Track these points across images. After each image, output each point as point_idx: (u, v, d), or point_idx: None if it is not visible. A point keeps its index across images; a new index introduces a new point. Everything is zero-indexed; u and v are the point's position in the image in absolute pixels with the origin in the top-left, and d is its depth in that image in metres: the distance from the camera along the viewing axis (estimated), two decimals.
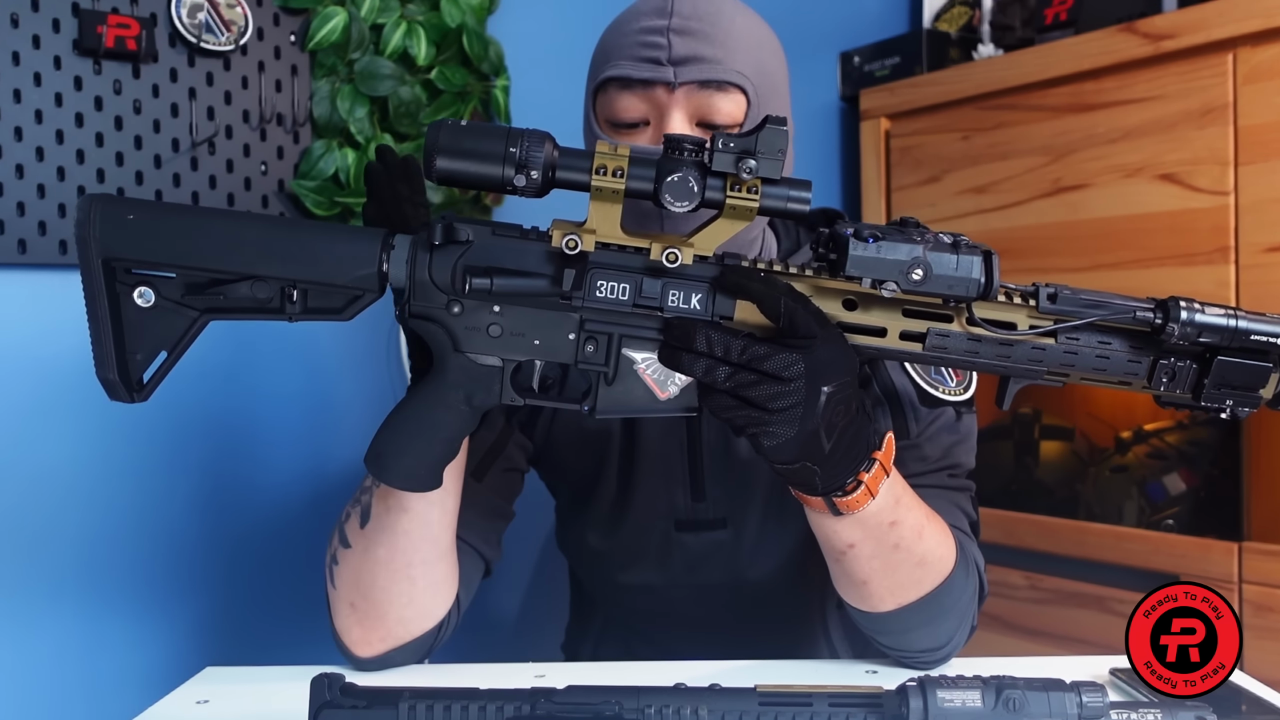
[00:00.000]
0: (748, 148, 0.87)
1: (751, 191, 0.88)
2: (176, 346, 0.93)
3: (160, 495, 1.65)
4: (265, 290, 0.92)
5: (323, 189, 1.72)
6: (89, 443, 1.58)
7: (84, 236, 0.89)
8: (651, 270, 0.92)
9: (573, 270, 0.91)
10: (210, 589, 1.71)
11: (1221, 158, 1.81)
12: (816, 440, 0.90)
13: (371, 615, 1.14)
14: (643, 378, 0.95)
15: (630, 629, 1.47)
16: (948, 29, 2.44)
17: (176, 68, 1.60)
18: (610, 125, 1.18)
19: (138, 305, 0.91)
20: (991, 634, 2.12)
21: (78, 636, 1.59)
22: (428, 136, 0.88)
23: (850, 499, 0.97)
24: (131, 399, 0.93)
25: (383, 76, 1.75)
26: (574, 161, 0.88)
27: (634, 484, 1.33)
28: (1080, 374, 0.95)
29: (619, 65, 1.15)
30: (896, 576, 1.07)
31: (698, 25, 1.14)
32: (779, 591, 1.36)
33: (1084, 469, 2.21)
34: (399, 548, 1.11)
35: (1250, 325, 0.90)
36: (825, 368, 0.89)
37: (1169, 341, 0.91)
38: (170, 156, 1.60)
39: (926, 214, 2.26)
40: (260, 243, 0.91)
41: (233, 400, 1.71)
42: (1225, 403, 0.93)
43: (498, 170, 0.87)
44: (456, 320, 0.94)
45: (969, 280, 0.88)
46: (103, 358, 0.91)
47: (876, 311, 0.94)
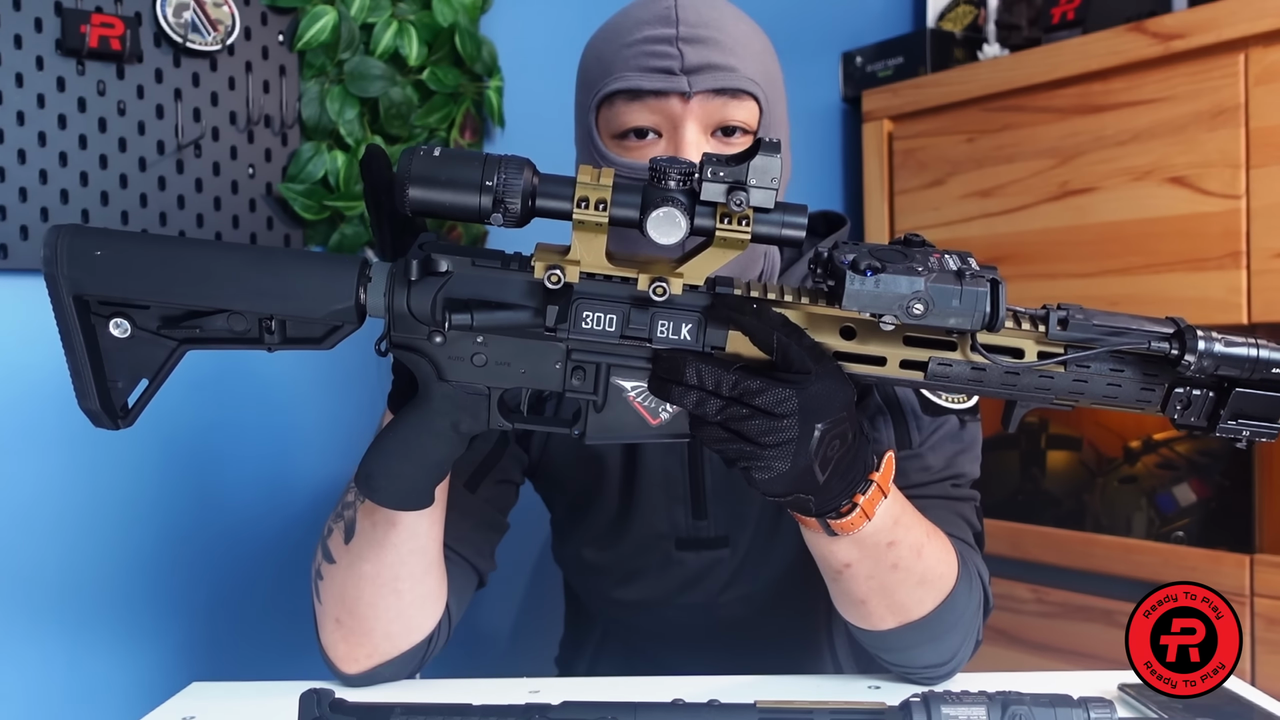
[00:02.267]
0: (739, 178, 0.84)
1: (743, 223, 0.85)
2: (157, 375, 0.93)
3: (144, 509, 1.65)
4: (242, 323, 0.92)
5: (312, 192, 1.72)
6: (72, 455, 1.58)
7: (52, 274, 0.88)
8: (639, 301, 0.90)
9: (556, 306, 0.90)
10: (196, 603, 1.71)
11: (1233, 160, 1.81)
12: (810, 475, 0.89)
13: (358, 631, 1.14)
14: (633, 405, 0.94)
15: (627, 644, 1.47)
16: (952, 28, 2.44)
17: (162, 68, 1.61)
18: (616, 139, 1.18)
19: (114, 336, 0.91)
20: (997, 648, 2.12)
21: (62, 653, 1.59)
22: (400, 165, 0.86)
23: (845, 521, 0.97)
24: (116, 426, 0.93)
25: (373, 77, 1.76)
26: (555, 189, 0.86)
27: (634, 501, 1.33)
28: (1090, 400, 0.93)
29: (626, 77, 1.14)
30: (896, 596, 1.07)
31: (706, 33, 1.14)
32: (780, 607, 1.37)
33: (1092, 479, 2.22)
34: (386, 562, 1.11)
35: (1272, 355, 0.88)
36: (819, 404, 0.88)
37: (1186, 372, 0.89)
38: (155, 159, 1.60)
39: (930, 218, 2.26)
40: (233, 277, 0.90)
41: (215, 415, 1.71)
42: (1241, 434, 0.92)
43: (474, 200, 0.85)
44: (440, 350, 0.93)
45: (973, 315, 0.85)
46: (83, 389, 0.91)
47: (875, 341, 0.92)
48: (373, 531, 1.10)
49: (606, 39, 1.20)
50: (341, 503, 1.15)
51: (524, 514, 1.37)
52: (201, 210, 1.65)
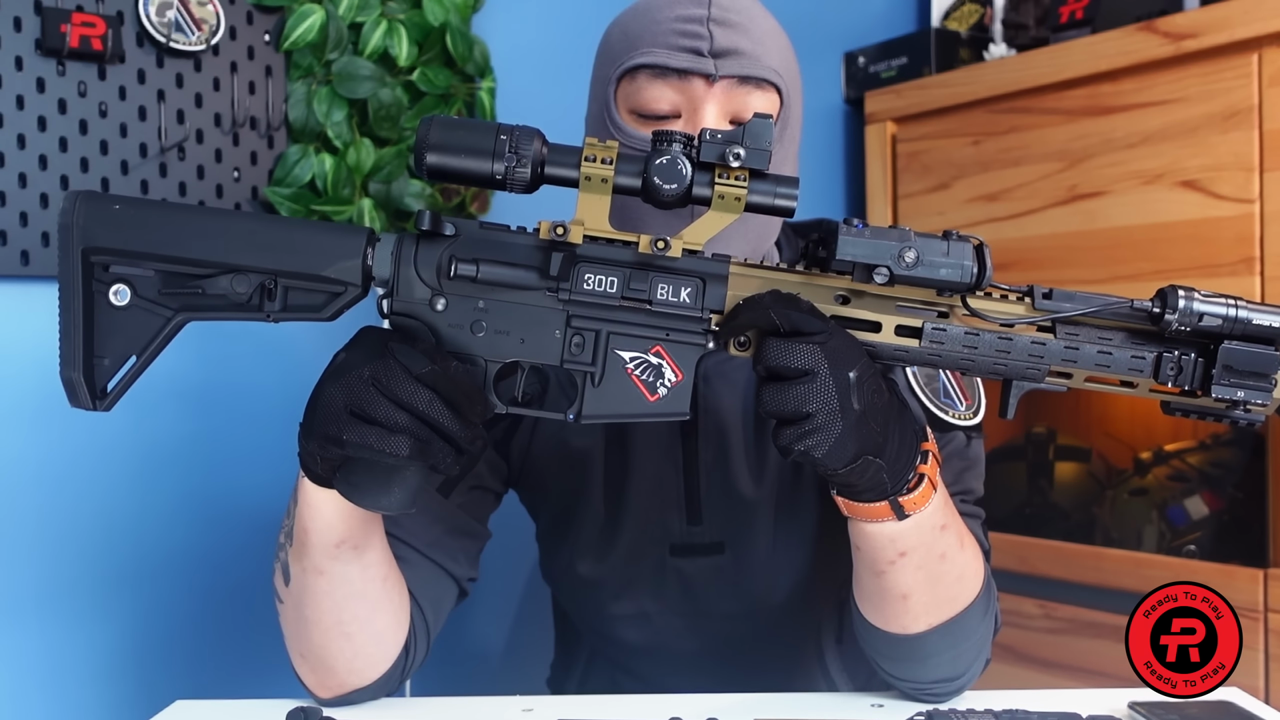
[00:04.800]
0: (734, 138, 0.91)
1: (739, 180, 0.91)
2: (147, 349, 0.94)
3: (124, 520, 1.64)
4: (245, 285, 0.94)
5: (298, 196, 1.72)
6: (54, 468, 1.57)
7: (67, 224, 0.92)
8: (640, 263, 0.95)
9: (560, 255, 0.94)
10: (179, 618, 1.71)
11: (1246, 163, 1.82)
12: (867, 429, 0.92)
13: (320, 668, 1.15)
14: (632, 378, 0.96)
15: (617, 664, 1.47)
16: (957, 28, 2.45)
17: (145, 68, 1.61)
18: (637, 115, 1.20)
19: (112, 305, 0.93)
20: (1004, 665, 2.12)
21: (42, 669, 1.59)
22: (419, 131, 0.92)
23: (916, 495, 0.99)
24: (94, 406, 0.94)
25: (362, 78, 1.76)
26: (562, 157, 0.93)
27: (624, 506, 1.33)
28: (1084, 373, 0.96)
29: (653, 52, 1.17)
30: (937, 590, 1.08)
31: (736, 19, 1.17)
32: (779, 621, 1.37)
33: (1101, 492, 2.22)
34: (324, 608, 1.11)
35: (1251, 314, 0.92)
36: (843, 353, 0.92)
37: (1170, 329, 0.93)
38: (138, 162, 1.60)
39: (935, 223, 2.26)
40: (243, 234, 0.94)
41: (197, 424, 1.71)
42: (1237, 394, 0.94)
43: (487, 165, 0.91)
44: (440, 318, 0.96)
45: (961, 265, 0.91)
46: (69, 355, 0.92)
47: (870, 307, 0.96)
48: (303, 578, 1.10)
49: (636, 14, 1.22)
50: (278, 541, 1.15)
51: (515, 532, 1.37)
52: None
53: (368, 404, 0.90)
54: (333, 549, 1.06)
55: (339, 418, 0.91)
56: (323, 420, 0.92)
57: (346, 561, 1.08)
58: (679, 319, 0.96)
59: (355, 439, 0.90)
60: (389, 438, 0.90)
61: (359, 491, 0.94)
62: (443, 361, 0.92)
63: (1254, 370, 0.94)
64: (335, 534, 1.05)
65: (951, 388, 1.25)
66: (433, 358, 0.91)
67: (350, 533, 1.06)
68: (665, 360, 0.96)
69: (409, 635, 1.18)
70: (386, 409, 0.90)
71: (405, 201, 1.82)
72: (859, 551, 1.08)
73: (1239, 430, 2.05)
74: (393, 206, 1.81)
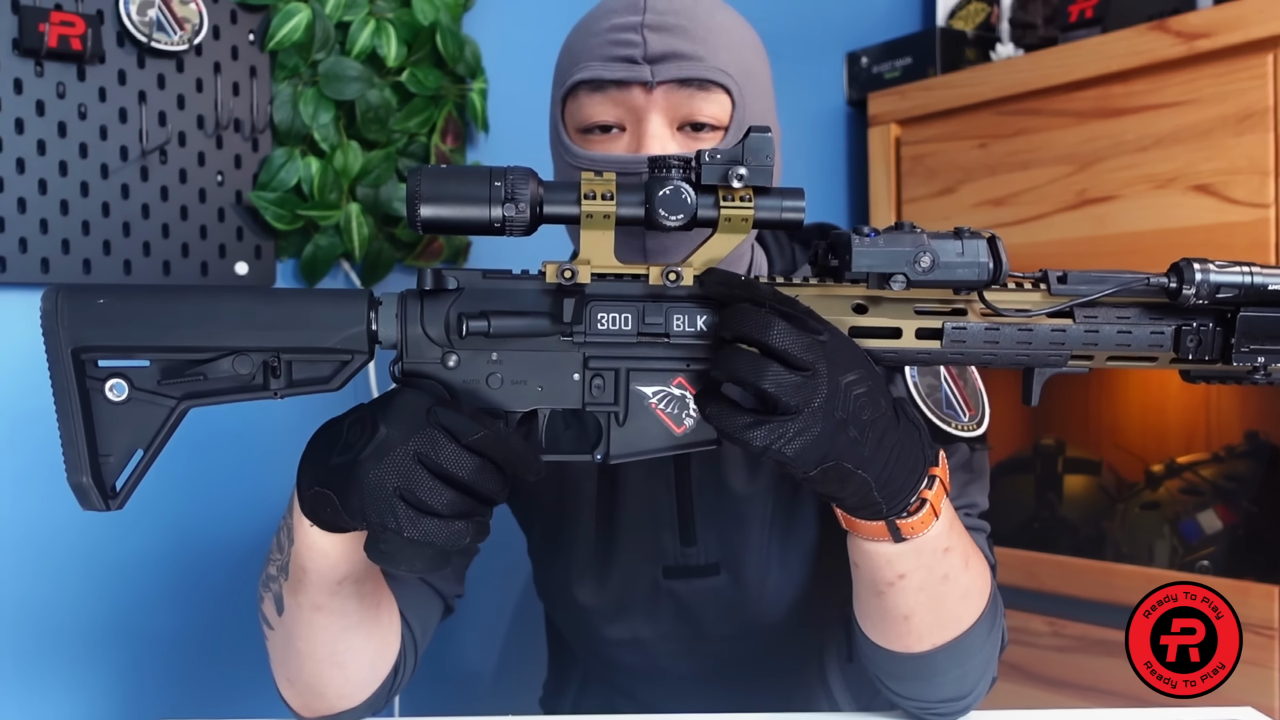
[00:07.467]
0: (735, 157, 0.91)
1: (744, 200, 0.91)
2: (153, 442, 0.94)
3: (107, 537, 1.64)
4: (247, 366, 0.94)
5: (284, 200, 1.72)
6: (30, 485, 1.57)
7: (51, 328, 0.91)
8: (652, 296, 0.95)
9: (571, 300, 0.93)
10: (164, 637, 1.71)
11: (1261, 167, 1.82)
12: (844, 434, 0.90)
13: (308, 694, 1.16)
14: (656, 413, 0.97)
15: (613, 685, 1.47)
16: (963, 27, 2.45)
17: (125, 69, 1.61)
18: (581, 133, 1.20)
19: (110, 401, 0.92)
20: (1011, 684, 2.11)
21: (15, 691, 1.58)
22: (409, 185, 0.91)
23: (915, 520, 0.99)
24: (107, 507, 0.93)
25: (349, 79, 1.76)
26: (560, 195, 0.92)
27: (616, 525, 1.33)
28: (1105, 354, 0.97)
29: (589, 67, 1.17)
30: (940, 612, 1.07)
31: (674, 20, 1.16)
32: (779, 642, 1.36)
33: (1111, 506, 2.22)
34: (319, 640, 1.11)
35: (1267, 279, 0.93)
36: (843, 355, 0.91)
37: (1188, 303, 0.94)
38: (118, 165, 1.60)
39: (941, 228, 2.26)
40: (240, 315, 0.94)
41: (183, 444, 1.70)
42: (1258, 360, 0.96)
43: (484, 212, 0.91)
44: (453, 375, 0.95)
45: (977, 264, 0.92)
46: (75, 461, 0.91)
47: (889, 314, 0.96)
48: (299, 612, 1.09)
49: (577, 30, 1.23)
50: (265, 573, 1.14)
51: (507, 548, 1.37)
52: (167, 220, 1.65)
53: (418, 487, 0.88)
54: (334, 585, 1.06)
55: (391, 507, 0.88)
56: (375, 509, 0.88)
57: (347, 596, 1.08)
58: (697, 347, 0.96)
59: (417, 535, 0.88)
60: (448, 527, 0.88)
61: (391, 560, 0.90)
62: (490, 423, 0.90)
63: (1273, 334, 0.95)
64: (339, 573, 1.05)
65: (954, 398, 1.25)
66: (480, 421, 0.90)
67: (353, 569, 1.05)
68: (688, 391, 0.97)
69: (398, 655, 1.18)
70: (439, 492, 0.88)
71: (394, 206, 1.81)
72: (858, 569, 1.08)
73: (1254, 442, 2.05)
74: (381, 211, 1.81)
